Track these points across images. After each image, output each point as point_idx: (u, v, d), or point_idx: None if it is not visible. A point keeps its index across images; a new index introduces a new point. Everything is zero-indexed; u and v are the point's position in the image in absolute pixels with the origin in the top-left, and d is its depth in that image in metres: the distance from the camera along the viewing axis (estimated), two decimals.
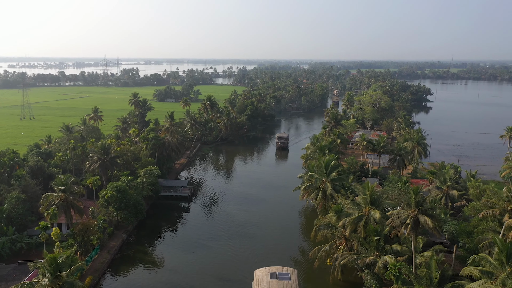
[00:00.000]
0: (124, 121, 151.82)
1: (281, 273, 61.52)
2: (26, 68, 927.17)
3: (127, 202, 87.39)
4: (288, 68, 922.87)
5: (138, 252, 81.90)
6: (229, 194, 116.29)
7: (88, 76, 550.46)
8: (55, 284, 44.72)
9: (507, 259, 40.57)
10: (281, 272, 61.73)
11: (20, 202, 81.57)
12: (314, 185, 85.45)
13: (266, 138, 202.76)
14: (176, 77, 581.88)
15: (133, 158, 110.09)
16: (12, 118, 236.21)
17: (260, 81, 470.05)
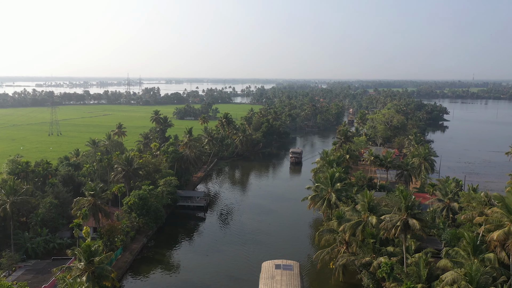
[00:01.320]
0: (146, 136, 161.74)
1: (285, 264, 69.84)
2: (53, 87, 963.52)
3: (148, 209, 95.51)
4: (306, 87, 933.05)
5: (157, 255, 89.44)
6: (242, 205, 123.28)
7: (111, 95, 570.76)
8: (89, 268, 52.55)
9: (473, 250, 46.29)
10: (285, 264, 70.07)
11: (53, 207, 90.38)
12: (320, 195, 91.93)
13: (281, 155, 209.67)
14: (195, 96, 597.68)
15: (154, 169, 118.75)
16: (41, 134, 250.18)
17: (277, 100, 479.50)
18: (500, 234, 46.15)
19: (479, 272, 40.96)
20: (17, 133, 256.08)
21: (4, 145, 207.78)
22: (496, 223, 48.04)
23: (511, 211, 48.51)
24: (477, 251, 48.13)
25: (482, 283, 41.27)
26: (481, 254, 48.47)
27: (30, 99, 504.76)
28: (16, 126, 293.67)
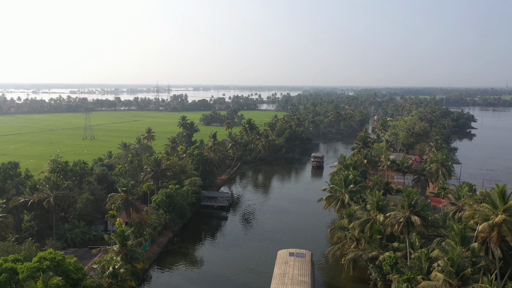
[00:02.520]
0: (173, 140, 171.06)
1: (298, 253, 78.39)
2: (86, 94, 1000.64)
3: (174, 206, 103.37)
4: (332, 94, 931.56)
5: (182, 248, 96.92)
6: (263, 206, 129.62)
7: (141, 101, 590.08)
8: (122, 251, 60.19)
9: (461, 241, 50.95)
10: (298, 252, 78.73)
11: (89, 203, 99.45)
12: (334, 196, 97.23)
13: (303, 160, 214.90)
14: (222, 102, 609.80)
15: (180, 171, 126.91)
16: (76, 138, 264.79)
17: (302, 107, 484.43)
18: (485, 226, 50.49)
19: (460, 257, 45.70)
20: (53, 137, 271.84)
21: (42, 148, 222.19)
22: (483, 217, 52.42)
23: (496, 206, 52.76)
24: (464, 242, 52.77)
25: (461, 266, 46.00)
26: (468, 244, 53.07)
27: (65, 105, 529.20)
28: (53, 130, 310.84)
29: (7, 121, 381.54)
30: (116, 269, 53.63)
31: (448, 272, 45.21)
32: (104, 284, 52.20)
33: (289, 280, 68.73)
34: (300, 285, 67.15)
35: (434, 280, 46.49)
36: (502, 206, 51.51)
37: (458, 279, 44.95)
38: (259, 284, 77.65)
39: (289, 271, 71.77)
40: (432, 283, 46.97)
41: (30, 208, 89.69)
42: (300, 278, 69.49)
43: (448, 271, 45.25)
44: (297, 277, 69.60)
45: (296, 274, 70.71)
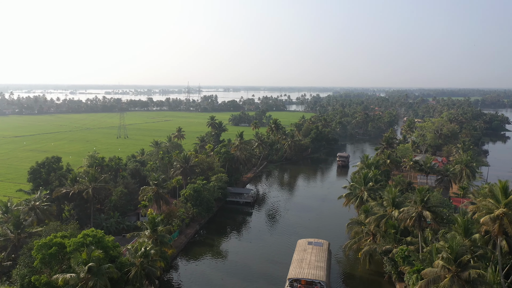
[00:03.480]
0: (202, 139, 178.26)
1: (316, 242, 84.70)
2: (120, 94, 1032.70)
3: (201, 200, 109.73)
4: (363, 96, 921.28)
5: (207, 240, 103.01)
6: (287, 203, 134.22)
7: (172, 102, 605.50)
8: (153, 236, 66.63)
9: (464, 232, 53.97)
10: (317, 242, 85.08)
11: (123, 195, 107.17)
12: (354, 193, 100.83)
13: (329, 160, 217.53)
14: (251, 103, 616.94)
15: (207, 167, 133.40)
16: (110, 137, 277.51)
17: (331, 108, 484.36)
18: (486, 219, 53.27)
19: (458, 245, 48.83)
20: (90, 135, 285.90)
21: (80, 146, 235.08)
22: (485, 211, 55.15)
23: (499, 200, 55.30)
24: (467, 233, 55.67)
25: (460, 253, 49.06)
26: (471, 236, 55.94)
27: (101, 105, 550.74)
28: (89, 129, 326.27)
29: (47, 120, 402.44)
30: (147, 250, 59.94)
31: (447, 258, 48.55)
32: (137, 262, 58.53)
33: (306, 265, 74.88)
34: (316, 269, 72.93)
35: (436, 267, 49.85)
36: (504, 200, 54.23)
37: (456, 265, 48.20)
38: (279, 273, 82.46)
39: (307, 257, 78.08)
40: (433, 270, 50.32)
41: (70, 199, 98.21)
42: (316, 263, 75.51)
43: (447, 258, 48.55)
44: (314, 263, 75.75)
45: (313, 260, 76.90)
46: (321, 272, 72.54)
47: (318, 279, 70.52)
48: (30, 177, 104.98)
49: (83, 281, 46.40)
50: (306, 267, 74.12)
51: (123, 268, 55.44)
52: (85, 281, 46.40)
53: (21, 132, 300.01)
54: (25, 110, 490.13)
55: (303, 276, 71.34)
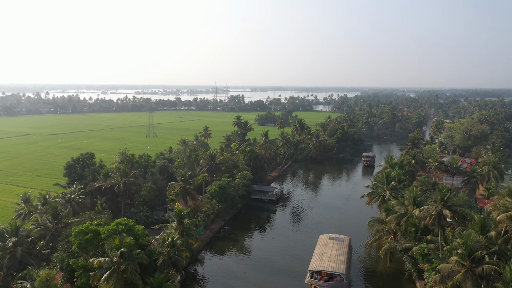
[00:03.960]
0: (228, 138, 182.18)
1: (338, 237, 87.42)
2: (149, 94, 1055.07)
3: (226, 197, 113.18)
4: (391, 96, 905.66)
5: (232, 235, 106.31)
6: (310, 201, 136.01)
7: (200, 102, 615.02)
8: (180, 228, 70.33)
9: (480, 229, 54.67)
10: (338, 237, 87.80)
11: (151, 191, 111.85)
12: (376, 192, 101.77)
13: (354, 160, 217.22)
14: (277, 103, 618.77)
15: (232, 165, 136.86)
16: (140, 135, 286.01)
17: (358, 108, 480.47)
18: (503, 217, 53.78)
19: (473, 242, 49.68)
20: (120, 134, 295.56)
21: (111, 144, 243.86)
22: (502, 209, 55.58)
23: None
24: (484, 231, 56.20)
25: (474, 249, 49.90)
26: (488, 233, 56.46)
27: (131, 105, 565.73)
28: (120, 128, 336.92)
29: (80, 119, 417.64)
30: (174, 240, 63.58)
31: (461, 254, 49.57)
32: (164, 252, 62.25)
33: (327, 258, 77.65)
34: (336, 263, 75.52)
35: (451, 263, 50.94)
36: None
37: (470, 261, 49.17)
38: (300, 268, 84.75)
39: (328, 251, 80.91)
40: (448, 265, 51.43)
41: (103, 193, 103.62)
42: (337, 257, 78.13)
43: (461, 254, 49.58)
44: (335, 256, 78.38)
45: (334, 254, 79.56)
46: (341, 265, 75.08)
47: (338, 272, 73.07)
48: (66, 172, 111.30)
49: (115, 265, 50.38)
50: (326, 260, 76.88)
51: (151, 256, 59.24)
52: (117, 265, 50.37)
53: (56, 130, 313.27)
54: (59, 109, 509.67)
55: (323, 268, 74.00)
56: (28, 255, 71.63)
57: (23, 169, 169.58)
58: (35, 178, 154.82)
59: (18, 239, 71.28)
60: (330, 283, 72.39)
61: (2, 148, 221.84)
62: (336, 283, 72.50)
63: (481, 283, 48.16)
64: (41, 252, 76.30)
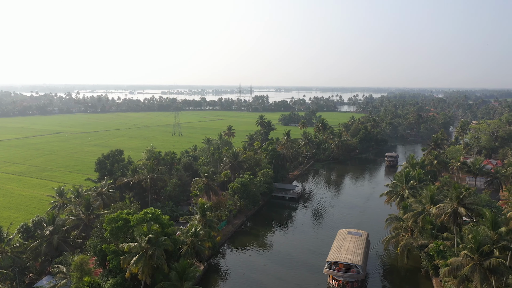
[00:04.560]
0: (251, 137, 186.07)
1: (356, 232, 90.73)
2: (175, 94, 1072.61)
3: (248, 193, 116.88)
4: (418, 96, 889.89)
5: (253, 230, 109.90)
6: (332, 200, 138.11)
7: (224, 102, 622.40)
8: (203, 220, 74.37)
9: (492, 225, 56.00)
10: (356, 232, 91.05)
11: (176, 186, 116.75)
12: (395, 191, 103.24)
13: (377, 160, 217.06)
14: (301, 103, 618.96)
15: (255, 163, 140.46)
16: (166, 134, 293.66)
17: (383, 108, 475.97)
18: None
19: (481, 236, 51.21)
20: (147, 132, 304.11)
21: (138, 142, 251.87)
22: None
23: None
24: (495, 227, 57.35)
25: (482, 244, 51.40)
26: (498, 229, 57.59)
27: (157, 104, 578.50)
28: (146, 127, 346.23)
29: (109, 118, 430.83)
30: (197, 231, 67.60)
31: (470, 248, 51.28)
32: (188, 241, 66.35)
33: (345, 251, 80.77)
34: (353, 255, 78.52)
35: (461, 257, 52.66)
36: None
37: (478, 254, 50.79)
38: (318, 262, 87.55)
39: (346, 244, 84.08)
40: (458, 259, 53.21)
41: (131, 187, 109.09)
42: (354, 250, 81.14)
43: (470, 247, 51.27)
44: (352, 249, 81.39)
45: (351, 247, 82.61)
46: (358, 258, 78.05)
47: (355, 263, 76.07)
48: (97, 167, 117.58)
49: (143, 250, 54.68)
50: (344, 252, 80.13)
51: (176, 244, 63.46)
52: (145, 249, 54.64)
53: (86, 128, 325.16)
54: (89, 108, 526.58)
55: (340, 260, 77.25)
56: (63, 242, 77.28)
57: (56, 165, 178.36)
58: (68, 173, 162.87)
59: (55, 228, 77.01)
60: (347, 274, 75.42)
61: (36, 145, 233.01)
62: (353, 274, 75.48)
63: (490, 277, 49.78)
64: (75, 241, 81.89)
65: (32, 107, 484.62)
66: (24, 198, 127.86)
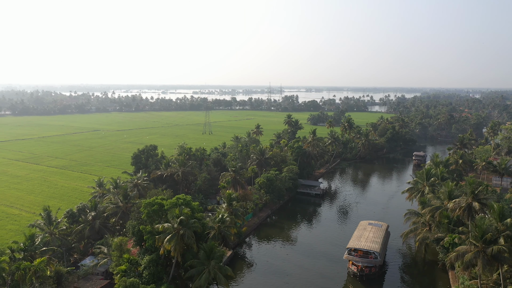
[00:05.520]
0: (278, 136, 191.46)
1: (376, 223, 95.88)
2: (206, 94, 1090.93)
3: (273, 188, 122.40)
4: (453, 97, 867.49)
5: (277, 223, 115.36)
6: (355, 197, 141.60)
7: (254, 101, 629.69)
8: (229, 209, 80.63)
9: (499, 217, 59.02)
10: (376, 223, 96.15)
11: (206, 180, 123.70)
12: (416, 188, 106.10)
13: (405, 160, 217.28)
14: (331, 103, 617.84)
15: (280, 160, 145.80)
16: (197, 133, 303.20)
17: (414, 109, 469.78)
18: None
19: (485, 225, 54.31)
20: (179, 131, 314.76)
21: (170, 140, 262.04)
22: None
23: None
24: (503, 218, 60.08)
25: (486, 232, 54.49)
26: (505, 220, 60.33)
27: (189, 104, 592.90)
28: (178, 125, 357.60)
29: (143, 116, 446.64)
30: (223, 217, 73.80)
31: (474, 236, 54.61)
32: (215, 226, 72.65)
33: (364, 239, 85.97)
34: (372, 243, 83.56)
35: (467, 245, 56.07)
36: None
37: (482, 242, 54.05)
38: (338, 253, 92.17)
39: (366, 234, 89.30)
40: (464, 247, 56.65)
41: (164, 180, 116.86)
42: (373, 239, 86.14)
43: (474, 235, 54.60)
44: (371, 238, 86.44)
45: (371, 236, 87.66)
46: (376, 245, 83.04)
47: (373, 250, 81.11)
48: (133, 161, 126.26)
49: (176, 230, 61.25)
50: (364, 240, 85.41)
51: (204, 228, 69.87)
52: (177, 230, 61.18)
53: (121, 126, 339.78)
54: (124, 107, 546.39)
55: (360, 247, 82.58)
56: (103, 227, 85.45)
57: (94, 160, 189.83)
58: (105, 168, 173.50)
59: (97, 214, 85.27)
60: (365, 259, 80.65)
61: (76, 142, 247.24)
62: (371, 260, 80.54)
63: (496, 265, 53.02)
64: (114, 227, 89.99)
65: (71, 106, 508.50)
66: (66, 189, 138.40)
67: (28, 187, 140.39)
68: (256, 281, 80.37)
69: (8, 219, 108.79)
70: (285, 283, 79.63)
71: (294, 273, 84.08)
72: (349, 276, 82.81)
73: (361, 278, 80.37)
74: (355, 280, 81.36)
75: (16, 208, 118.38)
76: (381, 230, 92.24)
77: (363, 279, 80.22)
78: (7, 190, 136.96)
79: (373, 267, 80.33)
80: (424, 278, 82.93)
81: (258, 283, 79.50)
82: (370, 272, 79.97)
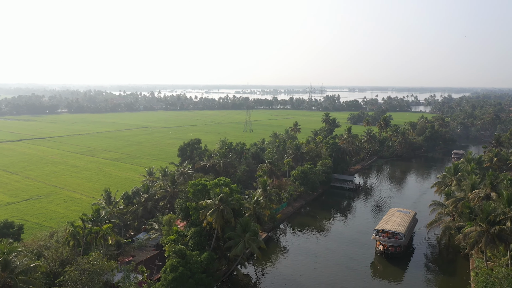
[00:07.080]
0: (315, 133, 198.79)
1: (404, 210, 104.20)
2: (248, 94, 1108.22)
3: (307, 181, 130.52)
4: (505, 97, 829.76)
5: (310, 213, 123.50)
6: (387, 192, 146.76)
7: (295, 101, 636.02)
8: (263, 194, 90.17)
9: (507, 202, 64.19)
10: (404, 210, 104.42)
11: (245, 172, 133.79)
12: (443, 182, 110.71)
13: (444, 159, 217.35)
14: (373, 103, 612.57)
15: (315, 155, 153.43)
16: (238, 130, 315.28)
17: (459, 109, 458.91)
18: None
19: (490, 207, 59.57)
20: (221, 128, 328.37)
21: (212, 137, 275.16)
22: None
23: None
24: (510, 203, 64.83)
25: (490, 213, 59.84)
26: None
27: (231, 103, 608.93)
28: (220, 123, 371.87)
29: (187, 115, 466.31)
30: (258, 199, 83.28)
31: (480, 217, 60.25)
32: (251, 207, 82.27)
33: (392, 223, 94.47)
34: (398, 226, 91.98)
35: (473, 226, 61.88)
36: None
37: (486, 223, 59.64)
38: (366, 240, 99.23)
39: (393, 219, 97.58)
40: (471, 228, 62.46)
41: (206, 171, 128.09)
42: (400, 223, 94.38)
43: (479, 217, 60.27)
44: (398, 222, 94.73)
45: (397, 221, 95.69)
46: (402, 228, 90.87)
47: (398, 231, 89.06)
48: (179, 153, 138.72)
49: (217, 206, 71.49)
50: (391, 224, 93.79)
51: (241, 207, 79.70)
52: (218, 206, 71.39)
53: (167, 124, 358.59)
54: (169, 106, 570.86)
55: (387, 229, 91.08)
56: (154, 208, 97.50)
57: (143, 154, 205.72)
58: (153, 160, 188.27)
59: (149, 196, 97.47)
60: (391, 240, 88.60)
61: (126, 137, 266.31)
62: (396, 240, 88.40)
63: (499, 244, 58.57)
64: (163, 209, 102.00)
65: (121, 104, 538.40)
66: (120, 179, 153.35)
67: (86, 176, 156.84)
68: (287, 260, 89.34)
69: (72, 202, 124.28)
70: (314, 262, 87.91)
71: (323, 254, 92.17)
72: (376, 255, 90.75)
73: (386, 256, 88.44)
74: (381, 259, 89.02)
75: (78, 193, 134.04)
76: (408, 216, 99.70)
77: (388, 257, 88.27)
78: (69, 178, 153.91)
79: (398, 246, 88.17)
80: (445, 263, 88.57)
81: (288, 261, 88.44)
82: (395, 251, 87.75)
